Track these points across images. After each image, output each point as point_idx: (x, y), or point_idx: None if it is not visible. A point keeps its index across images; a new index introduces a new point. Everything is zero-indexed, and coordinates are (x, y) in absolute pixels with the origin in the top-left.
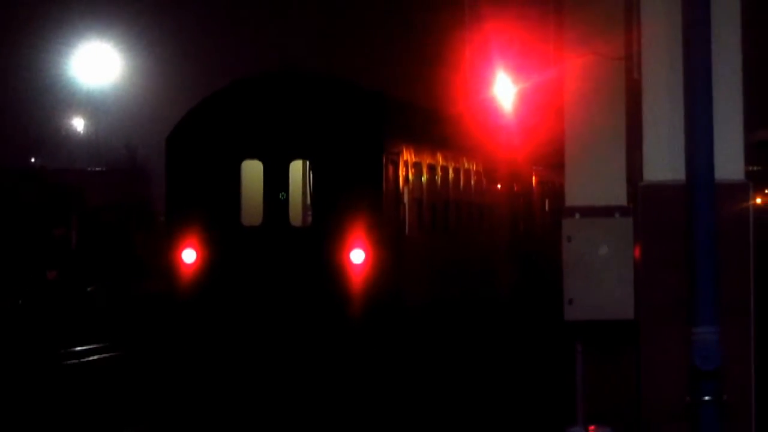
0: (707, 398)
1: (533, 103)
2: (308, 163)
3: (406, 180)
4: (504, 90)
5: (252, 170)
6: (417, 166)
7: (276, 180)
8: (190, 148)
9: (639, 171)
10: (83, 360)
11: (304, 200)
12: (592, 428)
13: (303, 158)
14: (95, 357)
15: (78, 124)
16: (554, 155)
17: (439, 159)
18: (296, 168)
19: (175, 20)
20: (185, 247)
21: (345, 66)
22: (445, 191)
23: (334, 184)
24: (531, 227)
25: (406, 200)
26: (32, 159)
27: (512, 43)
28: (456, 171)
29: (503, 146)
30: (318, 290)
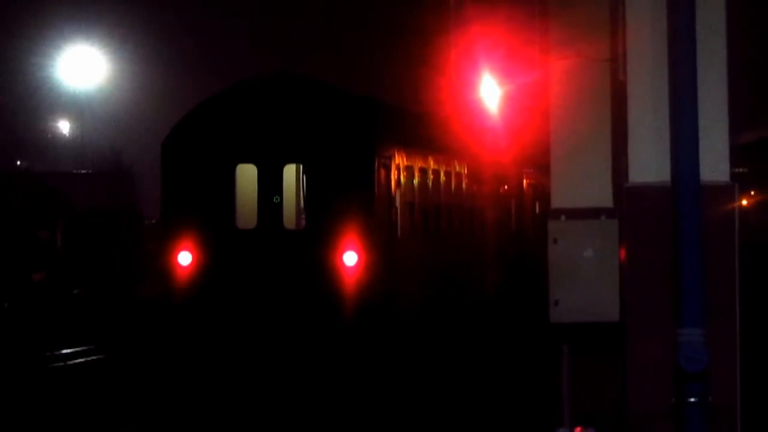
0: (693, 400)
1: (521, 106)
2: (302, 167)
3: (398, 183)
4: (490, 92)
5: (246, 174)
6: (408, 170)
7: (270, 184)
8: (186, 153)
9: (624, 173)
10: (69, 363)
11: (298, 204)
12: (578, 429)
13: (296, 162)
14: (81, 360)
15: (64, 127)
16: (542, 157)
17: (430, 162)
18: (290, 172)
19: (161, 23)
20: (181, 250)
21: (330, 69)
22: (436, 194)
23: (327, 188)
24: (522, 229)
25: (398, 203)
26: (18, 162)
27: (498, 46)
28: (447, 174)
29: (493, 149)
30: (311, 292)
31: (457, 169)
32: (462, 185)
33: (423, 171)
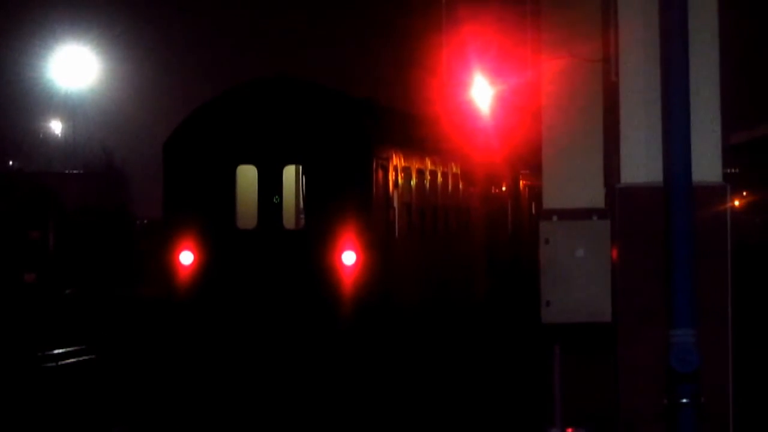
0: (685, 400)
1: (515, 106)
2: (301, 168)
3: (395, 184)
4: (482, 93)
5: (247, 175)
6: (405, 171)
7: (270, 184)
8: (187, 154)
9: (616, 173)
10: (61, 363)
11: (297, 204)
12: (570, 430)
13: (296, 163)
14: (73, 360)
15: (56, 127)
16: (535, 158)
17: (427, 163)
18: (289, 173)
19: (153, 24)
20: (182, 250)
21: (321, 69)
22: (433, 195)
23: (326, 189)
24: (518, 230)
25: (396, 204)
26: (10, 162)
27: (490, 46)
28: (444, 175)
29: (490, 150)
30: (310, 291)
31: (454, 170)
32: (458, 186)
33: (420, 172)
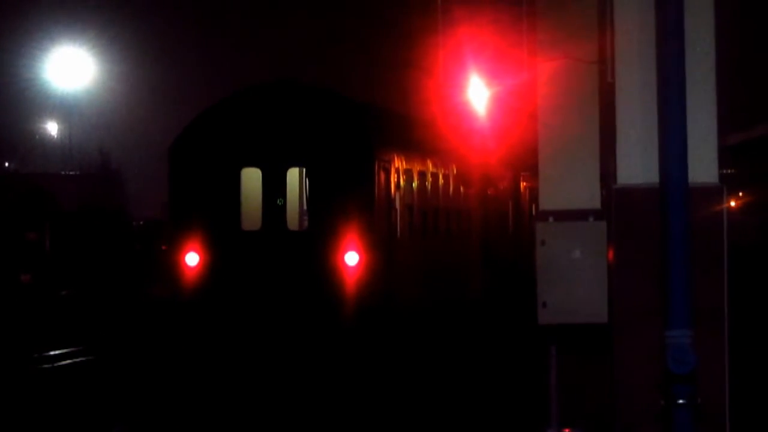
0: (681, 401)
1: (511, 108)
2: (304, 171)
3: (397, 186)
4: (479, 94)
5: (251, 177)
6: (407, 173)
7: (274, 187)
8: (192, 157)
9: (613, 174)
10: (57, 364)
11: (301, 206)
12: (566, 431)
13: (299, 166)
14: (69, 361)
15: (52, 129)
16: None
17: (428, 165)
18: (293, 175)
19: (149, 25)
20: (188, 251)
21: (317, 71)
22: (434, 196)
23: (329, 191)
24: (518, 231)
25: (398, 205)
26: (6, 163)
27: (486, 47)
28: (445, 176)
29: (489, 152)
30: (314, 291)
31: (455, 172)
32: (459, 187)
33: (421, 174)
